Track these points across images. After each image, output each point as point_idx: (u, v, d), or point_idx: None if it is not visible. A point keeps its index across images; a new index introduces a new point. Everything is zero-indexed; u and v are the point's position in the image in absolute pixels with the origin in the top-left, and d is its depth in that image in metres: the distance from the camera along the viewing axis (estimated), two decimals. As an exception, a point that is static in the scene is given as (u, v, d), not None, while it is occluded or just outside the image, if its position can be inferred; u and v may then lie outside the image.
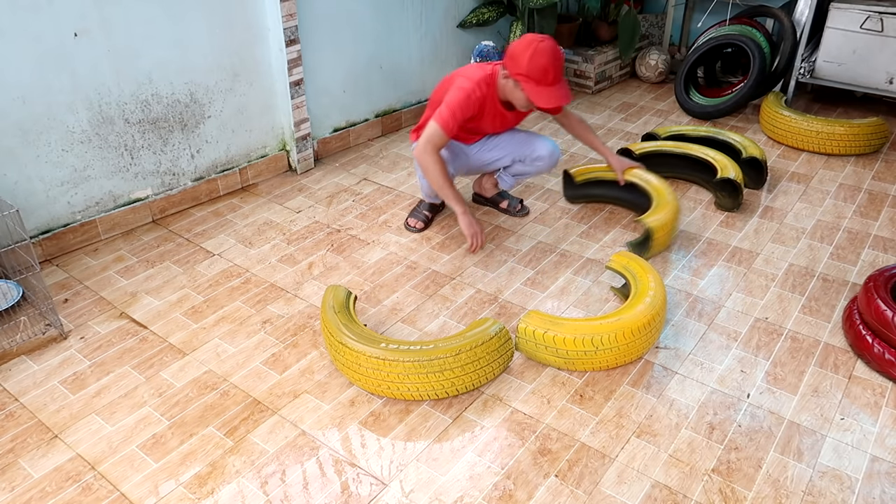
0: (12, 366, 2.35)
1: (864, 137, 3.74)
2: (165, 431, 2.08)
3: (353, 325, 2.23)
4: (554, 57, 2.56)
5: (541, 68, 2.55)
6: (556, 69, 2.58)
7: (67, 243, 2.97)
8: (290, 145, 3.66)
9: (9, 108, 2.64)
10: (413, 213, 3.19)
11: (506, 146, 3.05)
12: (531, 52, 2.54)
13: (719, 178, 3.19)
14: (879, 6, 3.83)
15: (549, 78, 2.57)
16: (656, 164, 3.48)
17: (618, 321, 2.22)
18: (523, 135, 3.05)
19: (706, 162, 3.32)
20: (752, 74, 4.16)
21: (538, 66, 2.54)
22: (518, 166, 3.09)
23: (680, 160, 3.46)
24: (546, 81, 2.58)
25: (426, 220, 3.14)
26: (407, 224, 3.15)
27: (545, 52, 2.54)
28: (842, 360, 2.36)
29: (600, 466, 1.96)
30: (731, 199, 3.22)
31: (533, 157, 3.03)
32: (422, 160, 2.70)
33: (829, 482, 1.91)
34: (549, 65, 2.55)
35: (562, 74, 2.63)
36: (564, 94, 2.65)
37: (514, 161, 3.07)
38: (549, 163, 3.06)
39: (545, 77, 2.57)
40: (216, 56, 3.21)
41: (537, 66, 2.54)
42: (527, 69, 2.56)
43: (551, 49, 2.56)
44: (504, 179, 3.17)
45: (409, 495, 1.88)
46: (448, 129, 2.66)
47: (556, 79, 2.59)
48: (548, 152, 3.02)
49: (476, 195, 3.37)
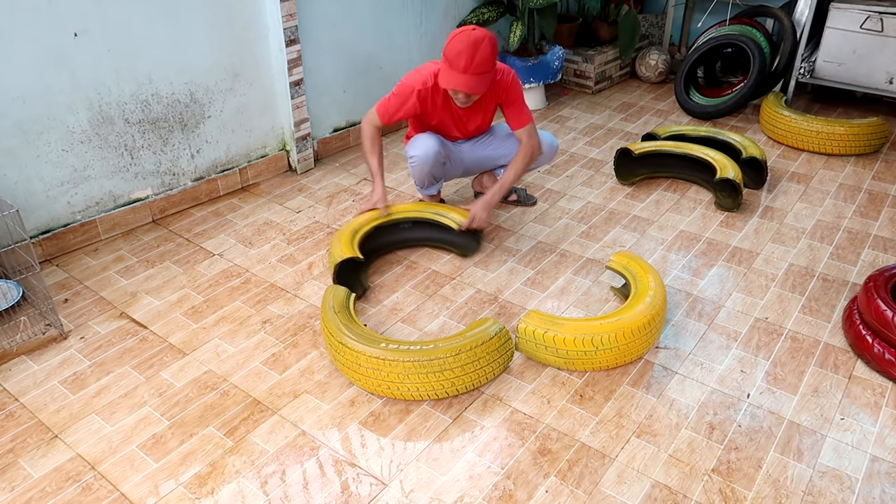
0: (12, 366, 2.35)
1: (864, 137, 3.73)
2: (165, 431, 2.08)
3: (353, 325, 2.23)
4: (472, 45, 2.54)
5: (455, 52, 2.56)
6: (471, 58, 2.55)
7: (67, 243, 2.97)
8: (290, 145, 3.66)
9: (9, 108, 2.64)
10: None
11: (501, 143, 3.06)
12: (453, 36, 2.60)
13: (719, 178, 3.19)
14: (879, 6, 3.83)
15: (461, 64, 2.56)
16: (656, 164, 3.49)
17: (618, 321, 2.22)
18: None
19: (706, 162, 3.32)
20: (752, 74, 4.16)
21: (454, 50, 2.57)
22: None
23: (680, 160, 3.46)
24: (457, 67, 2.58)
25: None
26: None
27: (465, 39, 2.56)
28: (842, 360, 2.36)
29: (600, 466, 1.96)
30: (731, 199, 3.22)
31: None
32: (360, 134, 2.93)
33: (829, 482, 1.91)
34: (463, 50, 2.55)
35: (480, 67, 2.59)
36: (466, 83, 2.60)
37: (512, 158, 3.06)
38: (548, 156, 3.07)
39: (457, 61, 2.57)
40: (216, 56, 3.21)
41: (454, 49, 2.57)
42: (446, 49, 2.61)
43: (475, 39, 2.55)
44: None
45: (409, 495, 1.88)
46: (380, 114, 2.83)
47: (467, 67, 2.57)
48: (545, 145, 3.02)
49: (478, 195, 3.37)
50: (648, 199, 3.40)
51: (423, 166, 2.92)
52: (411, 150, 2.92)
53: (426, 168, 2.92)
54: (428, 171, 2.94)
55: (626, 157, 3.46)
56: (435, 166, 2.94)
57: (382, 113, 2.83)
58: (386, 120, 2.83)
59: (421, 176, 2.99)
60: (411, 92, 2.75)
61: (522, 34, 4.25)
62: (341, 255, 2.59)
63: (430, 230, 2.96)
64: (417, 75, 2.78)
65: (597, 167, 3.74)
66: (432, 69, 2.76)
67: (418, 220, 2.93)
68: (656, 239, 3.07)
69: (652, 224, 3.19)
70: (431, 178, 3.01)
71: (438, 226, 2.92)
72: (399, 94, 2.78)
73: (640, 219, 3.23)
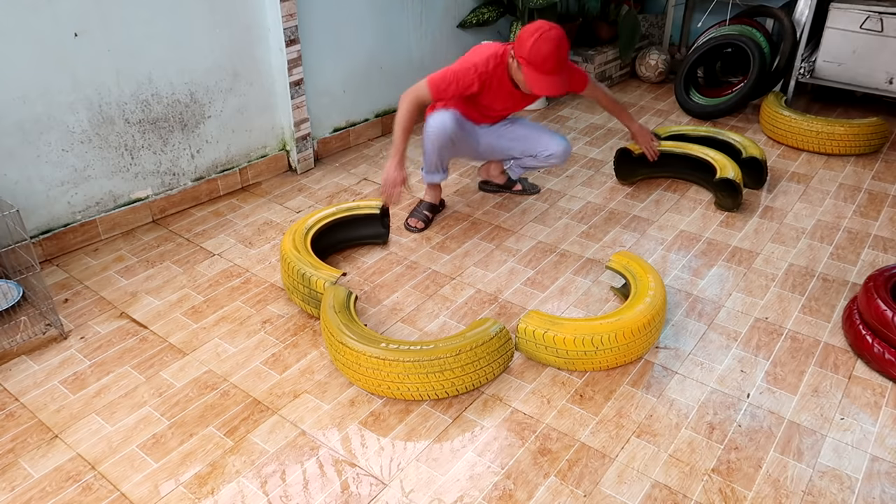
0: (12, 366, 2.35)
1: (864, 137, 3.74)
2: (165, 431, 2.08)
3: (353, 325, 2.23)
4: (557, 47, 2.58)
5: (541, 56, 2.58)
6: (558, 59, 2.59)
7: (67, 243, 2.97)
8: (291, 145, 3.66)
9: (9, 108, 2.64)
10: (413, 213, 3.19)
11: (516, 138, 3.09)
12: (535, 39, 2.57)
13: (719, 177, 3.19)
14: (879, 6, 3.83)
15: (549, 66, 2.60)
16: (656, 164, 3.49)
17: (618, 321, 2.22)
18: (535, 129, 3.11)
19: (706, 162, 3.32)
20: (752, 74, 4.16)
21: (539, 53, 2.58)
22: (528, 160, 3.17)
23: (680, 160, 3.46)
24: (545, 69, 2.61)
25: (426, 220, 3.15)
26: (407, 224, 3.15)
27: (548, 41, 2.56)
28: (842, 360, 2.36)
29: (600, 466, 1.96)
30: (731, 199, 3.22)
31: (545, 155, 3.09)
32: (400, 103, 2.77)
33: (829, 482, 1.91)
34: (550, 54, 2.57)
35: (564, 65, 2.65)
36: (560, 84, 2.67)
37: (525, 154, 3.14)
38: (561, 160, 3.11)
39: (544, 65, 2.60)
40: (216, 56, 3.21)
41: (539, 53, 2.58)
42: (528, 54, 2.60)
43: (556, 39, 2.57)
44: (514, 170, 3.29)
45: (409, 495, 1.88)
46: (434, 89, 2.71)
47: (555, 68, 2.61)
48: (561, 150, 3.07)
49: (483, 182, 3.42)
50: (648, 199, 3.40)
51: (441, 137, 2.88)
52: (432, 122, 2.88)
53: (444, 139, 2.88)
54: (444, 142, 2.90)
55: (626, 157, 3.46)
56: (453, 138, 2.90)
57: (435, 89, 2.72)
58: (438, 95, 2.74)
59: (433, 149, 2.94)
60: (474, 71, 2.72)
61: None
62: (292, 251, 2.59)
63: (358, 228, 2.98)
64: (478, 56, 2.75)
65: (597, 167, 3.74)
66: (490, 51, 2.74)
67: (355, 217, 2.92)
68: (656, 239, 3.07)
69: (652, 224, 3.19)
70: (439, 160, 3.00)
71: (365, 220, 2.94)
72: (460, 71, 2.72)
73: (640, 219, 3.23)
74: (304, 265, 2.51)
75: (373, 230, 2.99)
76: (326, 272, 2.47)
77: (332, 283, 2.43)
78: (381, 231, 3.00)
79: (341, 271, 2.50)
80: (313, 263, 2.53)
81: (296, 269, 2.51)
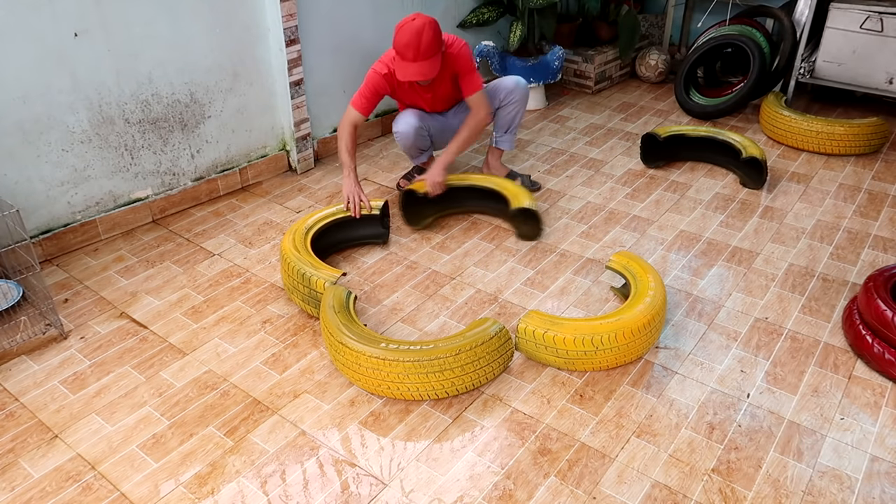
0: (12, 366, 2.35)
1: (863, 137, 3.74)
2: (165, 431, 2.09)
3: (353, 325, 2.23)
4: (416, 35, 2.73)
5: (402, 44, 2.76)
6: (416, 47, 2.74)
7: (67, 243, 2.97)
8: (290, 145, 3.66)
9: (9, 108, 2.64)
10: (405, 176, 3.51)
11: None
12: (398, 28, 2.78)
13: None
14: (879, 6, 3.83)
15: (409, 54, 2.76)
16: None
17: (618, 321, 2.22)
18: (490, 86, 3.25)
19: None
20: (752, 74, 4.16)
21: (401, 42, 2.76)
22: (500, 114, 3.29)
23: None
24: (406, 57, 2.78)
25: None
26: (398, 185, 3.46)
27: (409, 31, 2.74)
28: (842, 360, 2.36)
29: (600, 466, 1.96)
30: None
31: (503, 96, 3.26)
32: (338, 132, 3.05)
33: (829, 482, 1.91)
34: (409, 42, 2.74)
35: (427, 54, 2.77)
36: (420, 71, 2.80)
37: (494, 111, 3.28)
38: (521, 92, 3.26)
39: (405, 52, 2.77)
40: (216, 56, 3.21)
41: (400, 41, 2.77)
42: (394, 44, 2.81)
43: (417, 28, 2.73)
44: (502, 141, 3.40)
45: (409, 495, 1.88)
46: (356, 104, 2.98)
47: (416, 56, 2.76)
48: (513, 83, 3.26)
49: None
50: (648, 199, 3.40)
51: (406, 140, 3.19)
52: (395, 127, 3.19)
53: (409, 142, 3.20)
54: (412, 143, 3.21)
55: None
56: (418, 139, 3.20)
57: (356, 104, 2.98)
58: (364, 109, 2.98)
59: (407, 149, 3.28)
60: (379, 77, 2.96)
61: (522, 34, 4.25)
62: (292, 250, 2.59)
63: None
64: (379, 63, 2.99)
65: (597, 167, 3.74)
66: (391, 55, 2.94)
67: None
68: (656, 239, 3.07)
69: (652, 224, 3.19)
70: (417, 150, 3.30)
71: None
72: (368, 83, 2.98)
73: (640, 219, 3.23)
74: (304, 265, 2.51)
75: (373, 230, 3.00)
76: (326, 272, 2.48)
77: (332, 283, 2.43)
78: (380, 231, 3.01)
79: (341, 271, 2.50)
80: (313, 263, 2.53)
81: (296, 269, 2.51)
